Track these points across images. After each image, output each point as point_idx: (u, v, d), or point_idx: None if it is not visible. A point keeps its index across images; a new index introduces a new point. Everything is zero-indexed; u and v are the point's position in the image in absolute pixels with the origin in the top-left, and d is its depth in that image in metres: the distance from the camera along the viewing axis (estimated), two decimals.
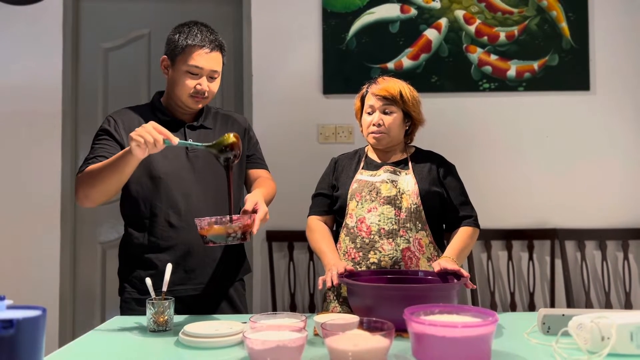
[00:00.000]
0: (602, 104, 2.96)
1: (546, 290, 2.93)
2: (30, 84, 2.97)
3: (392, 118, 1.83)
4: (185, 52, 1.68)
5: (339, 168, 1.95)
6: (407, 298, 1.32)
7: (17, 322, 0.83)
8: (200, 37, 1.69)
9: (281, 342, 1.07)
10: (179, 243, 1.69)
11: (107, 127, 1.71)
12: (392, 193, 1.78)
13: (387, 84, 1.85)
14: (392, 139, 1.86)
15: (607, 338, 1.14)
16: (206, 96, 1.72)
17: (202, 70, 1.68)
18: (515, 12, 2.97)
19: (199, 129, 1.77)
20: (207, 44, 1.69)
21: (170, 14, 3.08)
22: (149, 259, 1.69)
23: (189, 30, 1.70)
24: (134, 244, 1.72)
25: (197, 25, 1.73)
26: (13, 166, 2.96)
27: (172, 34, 1.73)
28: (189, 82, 1.69)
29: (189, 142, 1.58)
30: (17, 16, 2.97)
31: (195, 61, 1.67)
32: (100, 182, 1.54)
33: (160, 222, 1.69)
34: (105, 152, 1.64)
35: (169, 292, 1.51)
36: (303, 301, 2.94)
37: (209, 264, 1.74)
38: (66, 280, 2.94)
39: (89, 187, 1.57)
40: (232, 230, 1.40)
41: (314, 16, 2.99)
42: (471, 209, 1.85)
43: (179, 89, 1.70)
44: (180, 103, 1.73)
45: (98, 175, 1.55)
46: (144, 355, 1.29)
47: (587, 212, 2.93)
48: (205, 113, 1.81)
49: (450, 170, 1.88)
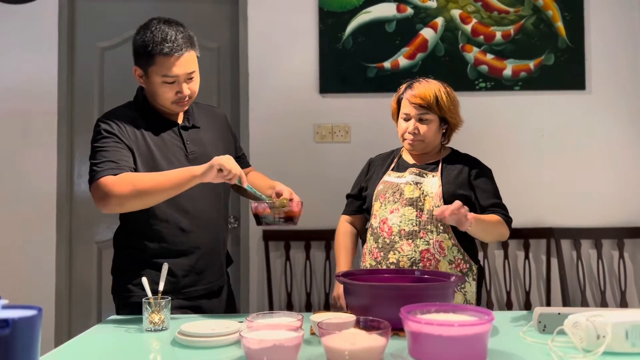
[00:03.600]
0: (597, 103, 2.97)
1: (542, 289, 2.94)
2: (25, 83, 2.95)
3: (428, 126, 1.83)
4: (156, 63, 1.60)
5: (372, 169, 1.99)
6: (403, 297, 1.32)
7: (13, 321, 0.83)
8: (168, 43, 1.58)
9: (278, 341, 1.07)
10: (190, 247, 1.70)
11: (113, 130, 1.63)
12: (415, 195, 1.79)
13: (422, 90, 1.83)
14: (428, 145, 1.87)
15: (602, 336, 1.14)
16: (189, 99, 1.68)
17: (178, 77, 1.62)
18: (511, 11, 2.97)
19: (191, 129, 1.76)
20: (175, 48, 1.59)
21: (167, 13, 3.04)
22: (160, 265, 1.64)
23: (152, 37, 1.59)
24: (145, 249, 1.68)
25: (160, 27, 1.62)
26: (8, 165, 2.94)
27: (137, 42, 1.63)
28: (168, 91, 1.63)
29: (253, 189, 1.62)
30: (13, 15, 2.95)
31: (168, 70, 1.60)
32: (150, 195, 1.53)
33: (172, 228, 1.68)
34: (124, 158, 1.59)
35: (181, 295, 1.58)
36: (300, 300, 2.94)
37: (214, 263, 1.77)
38: (62, 279, 2.93)
39: (129, 197, 1.52)
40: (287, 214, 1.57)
41: (310, 15, 2.99)
42: (505, 211, 1.82)
43: (159, 98, 1.66)
44: (166, 109, 1.71)
45: (148, 188, 1.52)
46: (140, 354, 1.29)
47: (582, 211, 2.94)
48: (191, 112, 1.80)
49: (483, 174, 1.86)
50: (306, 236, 2.90)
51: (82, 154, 3.04)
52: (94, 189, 1.56)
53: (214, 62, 3.03)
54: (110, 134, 1.62)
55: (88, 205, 3.02)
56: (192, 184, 1.53)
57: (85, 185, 3.02)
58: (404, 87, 1.90)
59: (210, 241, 1.74)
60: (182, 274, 1.69)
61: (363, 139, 2.92)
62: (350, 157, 2.68)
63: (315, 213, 2.71)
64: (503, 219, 1.78)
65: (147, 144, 1.66)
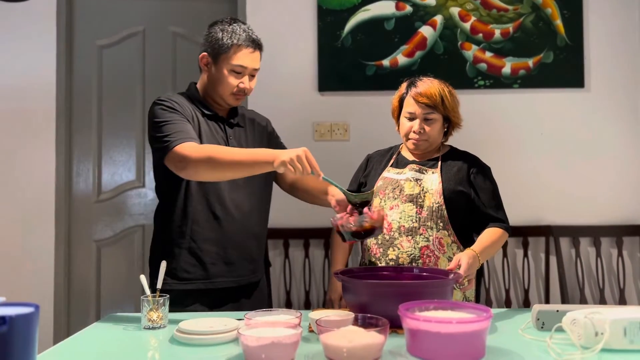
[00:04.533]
0: (596, 101, 2.97)
1: (541, 286, 2.94)
2: (24, 82, 2.95)
3: (433, 125, 1.83)
4: (230, 51, 1.72)
5: (370, 165, 1.99)
6: (401, 294, 1.32)
7: (10, 319, 0.83)
8: (245, 36, 1.73)
9: (276, 338, 1.07)
10: (221, 235, 1.73)
11: (175, 107, 1.69)
12: (415, 191, 1.79)
13: (428, 88, 1.82)
14: (432, 144, 1.87)
15: (600, 333, 1.14)
16: (246, 93, 1.78)
17: (245, 69, 1.74)
18: (510, 9, 2.97)
19: (235, 126, 1.84)
20: (250, 43, 1.74)
21: (165, 11, 3.07)
22: (192, 250, 1.71)
23: (232, 30, 1.73)
24: (177, 230, 1.72)
25: (238, 24, 1.76)
26: (7, 164, 2.94)
27: (216, 33, 1.74)
28: (233, 80, 1.74)
29: (330, 179, 1.59)
30: (11, 13, 2.95)
31: (240, 60, 1.73)
32: (222, 170, 1.56)
33: (204, 212, 1.72)
34: (192, 130, 1.65)
35: (209, 283, 1.68)
36: (298, 298, 2.94)
37: (246, 258, 1.79)
38: (61, 278, 2.93)
39: (205, 167, 1.55)
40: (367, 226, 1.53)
41: (309, 13, 2.98)
42: (503, 214, 1.82)
43: (222, 87, 1.75)
44: (220, 100, 1.78)
45: (223, 159, 1.54)
46: (139, 352, 1.29)
47: (581, 209, 2.94)
48: (238, 112, 1.88)
49: (482, 172, 1.85)
50: (305, 234, 2.90)
51: (80, 152, 3.04)
52: (171, 158, 1.59)
53: None
54: (173, 110, 1.69)
55: (87, 204, 3.02)
56: (264, 170, 1.55)
57: (83, 183, 3.02)
58: (406, 85, 1.89)
59: (241, 234, 1.77)
60: (210, 261, 1.72)
61: (362, 137, 2.92)
62: (349, 155, 2.67)
63: (314, 211, 2.70)
64: (503, 230, 1.77)
65: (199, 127, 1.73)
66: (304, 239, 2.92)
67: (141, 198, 3.03)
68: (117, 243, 3.01)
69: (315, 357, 1.15)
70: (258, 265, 1.85)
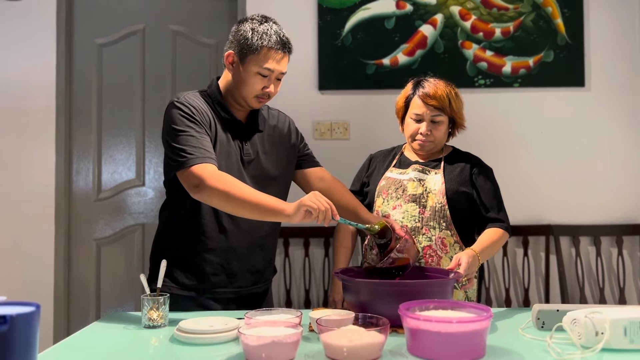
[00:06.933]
0: (596, 101, 2.97)
1: (541, 286, 2.94)
2: (23, 80, 2.95)
3: (440, 127, 1.83)
4: (259, 53, 1.63)
5: (372, 165, 1.98)
6: (401, 294, 1.32)
7: (11, 318, 0.83)
8: (276, 38, 1.64)
9: (276, 338, 1.07)
10: (226, 247, 1.68)
11: (194, 115, 1.61)
12: (418, 191, 1.79)
13: (435, 89, 1.81)
14: (437, 146, 1.88)
15: (601, 333, 1.14)
16: (268, 98, 1.70)
17: (272, 72, 1.66)
18: (510, 8, 2.97)
19: (253, 131, 1.75)
20: (281, 47, 1.65)
21: (165, 10, 3.07)
22: (194, 259, 1.67)
23: (264, 30, 1.64)
24: (181, 238, 1.69)
25: (270, 24, 1.67)
26: (6, 163, 2.94)
27: (245, 31, 1.65)
28: (258, 83, 1.66)
29: (348, 221, 1.58)
30: (10, 11, 2.94)
31: (268, 64, 1.64)
32: (235, 207, 1.52)
33: (211, 223, 1.67)
34: (209, 146, 1.59)
35: (209, 294, 1.63)
36: (299, 297, 2.94)
37: (249, 270, 1.74)
38: (61, 277, 2.93)
39: (219, 198, 1.51)
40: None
41: (309, 12, 2.98)
42: (504, 215, 1.82)
43: (246, 89, 1.66)
44: (242, 101, 1.70)
45: (238, 197, 1.50)
46: (139, 351, 1.28)
47: (581, 208, 2.94)
48: (258, 115, 1.78)
49: (484, 172, 1.86)
50: (305, 233, 2.90)
51: (80, 150, 3.04)
52: (186, 175, 1.54)
53: (212, 59, 3.02)
54: (192, 119, 1.61)
55: (87, 202, 3.02)
56: (277, 219, 1.54)
57: (83, 182, 3.02)
58: (412, 85, 1.87)
59: (246, 246, 1.71)
60: (211, 272, 1.68)
61: (362, 136, 2.92)
62: (349, 154, 2.68)
63: None
64: (503, 230, 1.78)
65: (215, 135, 1.66)
66: (304, 237, 2.92)
67: (141, 197, 3.03)
68: (117, 242, 3.01)
69: (315, 356, 1.15)
70: (262, 276, 1.79)
